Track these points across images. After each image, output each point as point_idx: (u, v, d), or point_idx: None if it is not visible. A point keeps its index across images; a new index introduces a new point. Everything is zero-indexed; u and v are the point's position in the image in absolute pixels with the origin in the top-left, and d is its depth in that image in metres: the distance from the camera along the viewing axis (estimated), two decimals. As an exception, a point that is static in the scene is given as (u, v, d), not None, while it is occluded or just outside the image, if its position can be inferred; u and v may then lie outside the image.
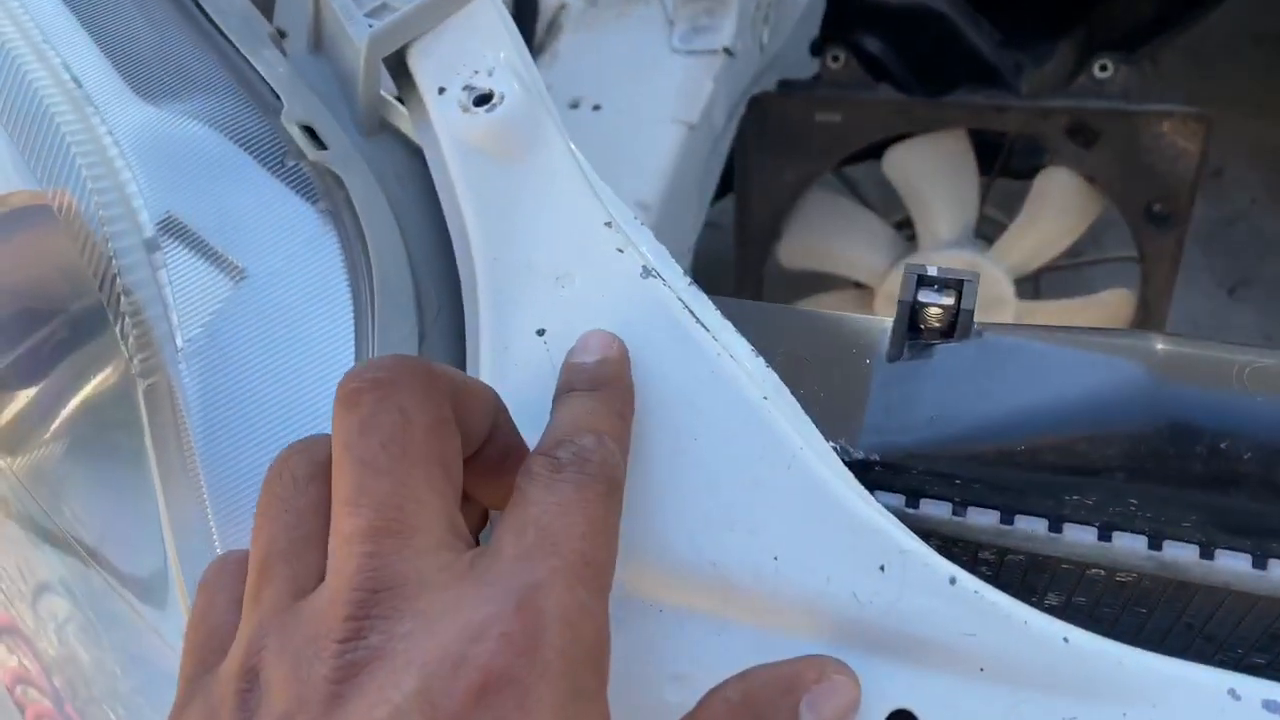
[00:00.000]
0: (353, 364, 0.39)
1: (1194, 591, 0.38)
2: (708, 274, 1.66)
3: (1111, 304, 1.33)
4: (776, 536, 0.35)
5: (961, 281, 0.38)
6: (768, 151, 1.30)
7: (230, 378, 0.39)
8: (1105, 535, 0.36)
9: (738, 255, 1.39)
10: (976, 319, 0.39)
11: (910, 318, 0.39)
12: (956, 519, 0.37)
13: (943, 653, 0.33)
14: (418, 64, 0.44)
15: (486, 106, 0.43)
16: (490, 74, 0.43)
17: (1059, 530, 0.36)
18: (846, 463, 0.37)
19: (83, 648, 0.48)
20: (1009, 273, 1.33)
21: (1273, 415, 0.33)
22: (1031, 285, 1.40)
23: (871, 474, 0.37)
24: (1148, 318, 1.31)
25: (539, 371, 0.39)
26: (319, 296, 0.40)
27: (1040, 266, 1.35)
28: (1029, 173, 1.31)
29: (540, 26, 0.87)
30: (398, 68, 0.46)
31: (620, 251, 0.40)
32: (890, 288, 1.38)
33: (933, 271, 0.39)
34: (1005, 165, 1.36)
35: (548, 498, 0.28)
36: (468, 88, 0.43)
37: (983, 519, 0.37)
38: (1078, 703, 0.32)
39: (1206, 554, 0.35)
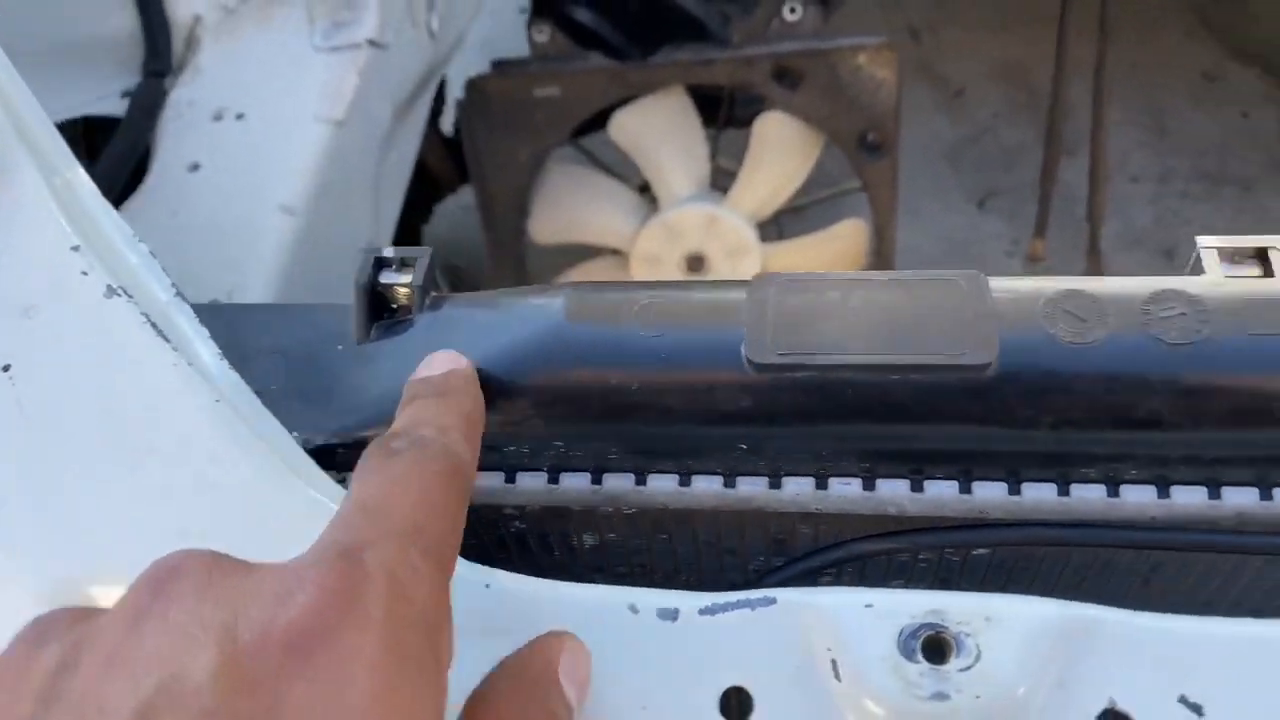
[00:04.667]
0: None
1: (694, 516, 0.41)
2: (473, 258, 1.65)
3: (847, 235, 1.38)
4: (226, 537, 0.36)
5: (410, 259, 0.40)
6: (497, 132, 1.31)
7: None
8: (554, 479, 0.38)
9: (487, 238, 1.40)
10: (723, 270, 0.40)
11: (376, 300, 0.41)
12: (423, 485, 0.39)
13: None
14: (-124, 111, 0.44)
15: (-59, 148, 0.42)
16: (-52, 114, 0.43)
17: (514, 480, 0.38)
18: (309, 450, 0.38)
19: None
20: (748, 219, 1.37)
21: (655, 347, 0.35)
22: (775, 228, 1.45)
23: (337, 457, 0.39)
24: (881, 242, 1.37)
25: (3, 410, 0.39)
26: None
27: (778, 209, 1.40)
28: (753, 120, 1.35)
29: (178, 43, 0.86)
30: None
31: (85, 274, 0.40)
32: (642, 249, 1.41)
33: (389, 253, 0.40)
34: (729, 116, 1.40)
35: (376, 477, 0.27)
36: (-76, 131, 0.42)
37: (444, 482, 0.38)
38: (504, 640, 0.34)
39: (640, 480, 0.37)
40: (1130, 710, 0.30)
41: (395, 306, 0.41)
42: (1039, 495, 0.35)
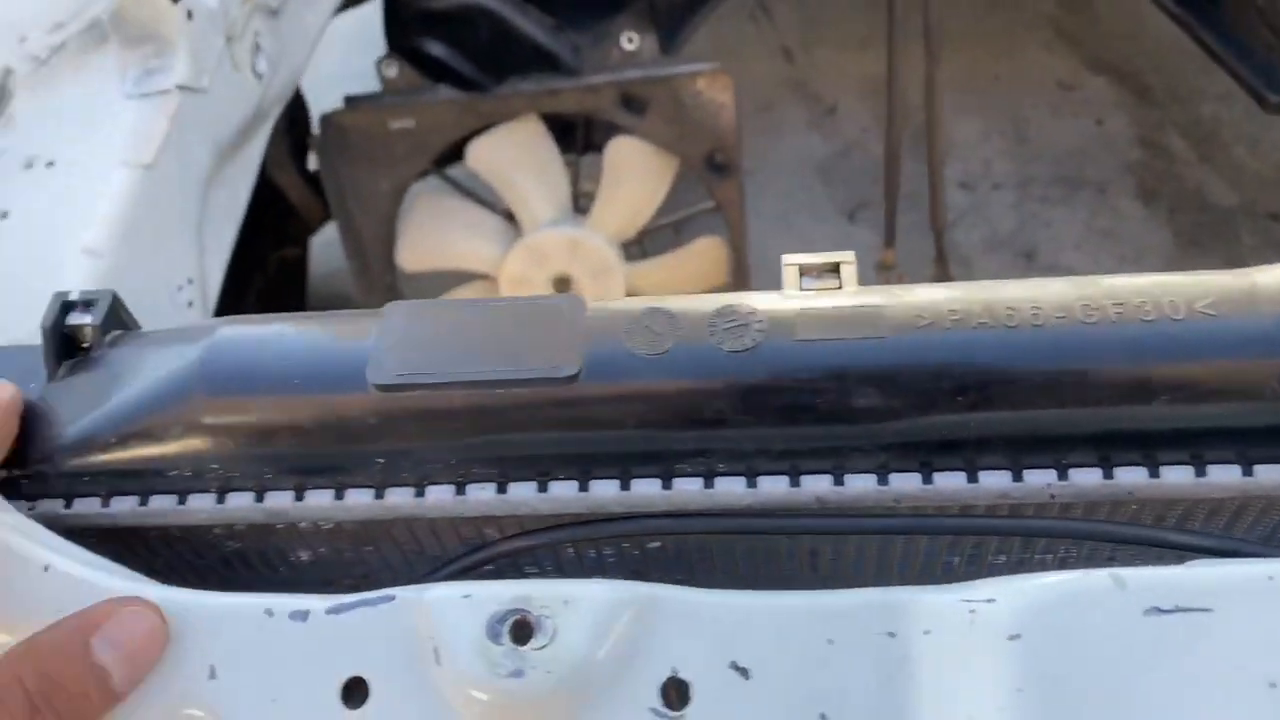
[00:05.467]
0: None
1: (390, 525, 0.45)
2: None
3: (706, 252, 1.43)
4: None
5: (92, 301, 0.43)
6: (356, 166, 1.35)
7: None
8: (221, 498, 0.41)
9: (353, 268, 1.43)
10: (590, 290, 0.43)
11: (65, 340, 0.44)
12: (105, 511, 0.42)
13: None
14: None
15: None
16: None
17: (185, 501, 0.41)
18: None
19: None
20: (611, 240, 1.41)
21: (289, 374, 0.39)
22: (639, 248, 1.49)
23: (21, 488, 0.42)
24: (737, 258, 1.42)
25: None
26: None
27: (641, 229, 1.44)
28: (610, 145, 1.40)
29: (-9, 95, 0.88)
30: None
31: None
32: (509, 272, 1.45)
33: (74, 296, 0.44)
34: (588, 141, 1.44)
35: None
36: None
37: (122, 506, 0.42)
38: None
39: (299, 497, 0.41)
40: (689, 678, 0.34)
41: (85, 345, 0.44)
42: (646, 490, 0.39)
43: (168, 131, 0.87)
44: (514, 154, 1.37)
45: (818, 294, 0.38)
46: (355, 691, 0.36)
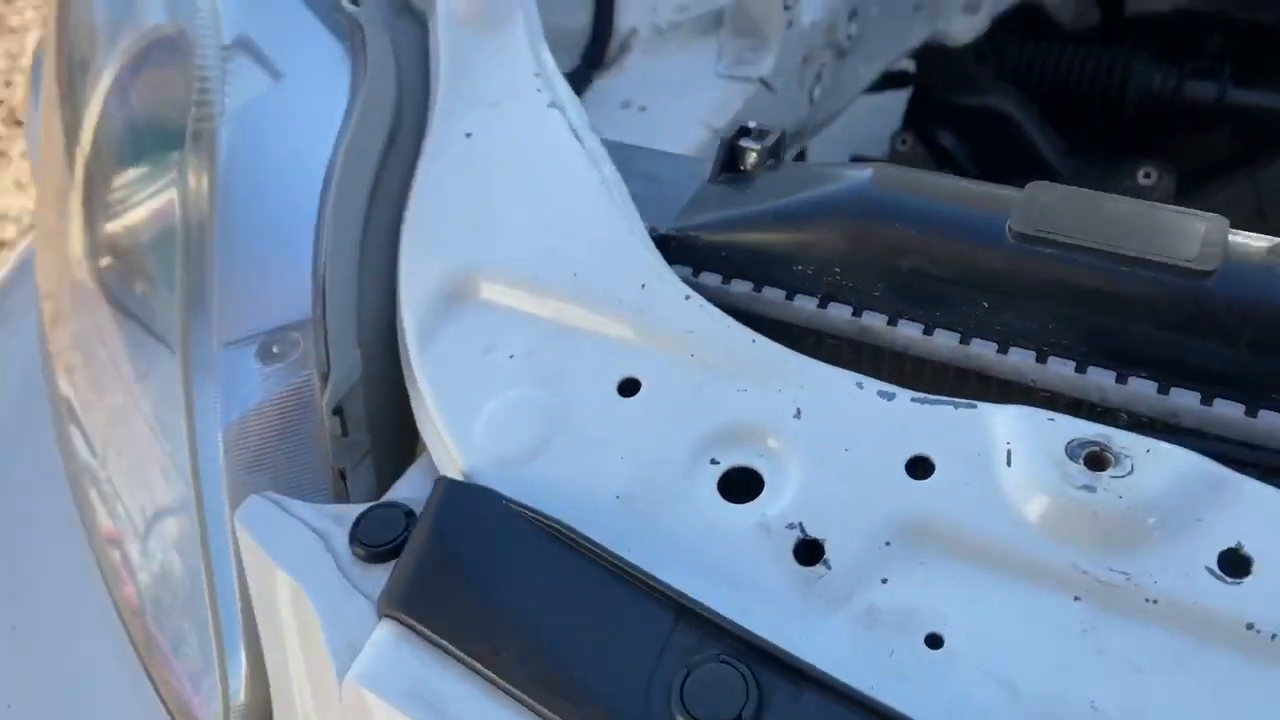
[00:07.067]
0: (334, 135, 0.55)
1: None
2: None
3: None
4: (580, 262, 0.48)
5: (767, 133, 0.52)
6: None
7: (254, 137, 0.56)
8: (823, 304, 0.47)
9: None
10: None
11: (731, 156, 0.53)
12: (724, 288, 0.49)
13: (667, 339, 0.45)
14: (435, -37, 0.62)
15: (473, -11, 0.59)
16: (480, -28, 0.61)
17: (792, 299, 0.48)
18: (654, 237, 0.50)
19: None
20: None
21: (942, 212, 0.45)
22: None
23: (670, 247, 0.50)
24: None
25: (458, 161, 0.54)
26: (328, 93, 0.57)
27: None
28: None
29: (614, 44, 1.06)
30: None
31: (539, 91, 0.56)
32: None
33: (751, 124, 0.53)
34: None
35: None
36: (462, -22, 0.60)
37: (739, 288, 0.49)
38: (752, 382, 0.44)
39: (891, 323, 0.46)
40: (1253, 554, 0.35)
41: (741, 168, 0.53)
42: (1227, 412, 0.40)
43: (740, 110, 0.99)
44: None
45: None
46: (920, 466, 0.40)
